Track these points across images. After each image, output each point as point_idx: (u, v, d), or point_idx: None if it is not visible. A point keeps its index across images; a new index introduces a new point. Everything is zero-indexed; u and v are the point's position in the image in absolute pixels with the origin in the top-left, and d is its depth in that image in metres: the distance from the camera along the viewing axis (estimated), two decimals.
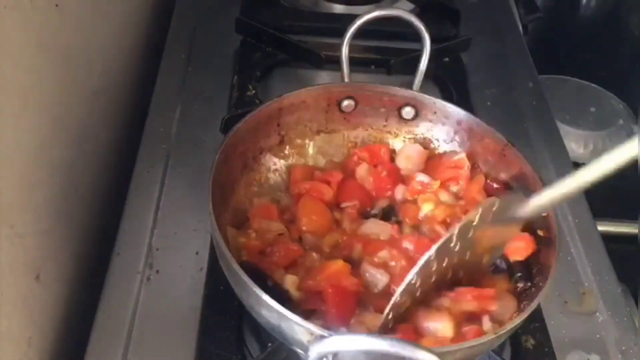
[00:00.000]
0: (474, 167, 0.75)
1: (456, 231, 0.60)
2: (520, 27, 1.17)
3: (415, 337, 0.61)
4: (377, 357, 0.51)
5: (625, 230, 1.01)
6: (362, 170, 0.75)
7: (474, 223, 0.61)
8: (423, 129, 0.78)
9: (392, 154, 0.78)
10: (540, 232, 0.67)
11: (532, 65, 1.07)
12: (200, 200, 0.68)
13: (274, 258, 0.65)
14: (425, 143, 0.79)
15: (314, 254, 0.66)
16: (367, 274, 0.65)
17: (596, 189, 0.91)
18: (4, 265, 0.60)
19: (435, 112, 0.77)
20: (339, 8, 1.11)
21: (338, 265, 0.64)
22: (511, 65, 1.06)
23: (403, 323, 0.62)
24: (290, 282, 0.63)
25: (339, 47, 0.78)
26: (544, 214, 0.65)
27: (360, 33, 0.77)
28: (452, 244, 0.60)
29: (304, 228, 0.69)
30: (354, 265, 0.65)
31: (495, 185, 0.73)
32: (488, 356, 0.67)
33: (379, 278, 0.64)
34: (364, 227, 0.70)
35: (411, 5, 1.10)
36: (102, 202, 0.87)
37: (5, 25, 0.58)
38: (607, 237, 0.84)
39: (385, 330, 0.60)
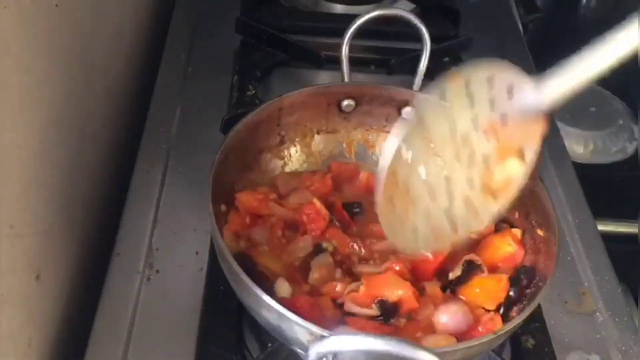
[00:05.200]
0: None
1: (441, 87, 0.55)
2: (520, 27, 1.17)
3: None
4: (377, 356, 0.51)
5: (625, 230, 1.01)
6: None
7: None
8: None
9: None
10: (540, 232, 0.67)
11: (532, 65, 1.07)
12: (200, 200, 0.68)
13: None
14: None
15: None
16: None
17: (596, 189, 0.91)
18: (4, 265, 0.60)
19: None
20: (339, 8, 1.11)
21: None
22: None
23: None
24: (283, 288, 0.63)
25: (339, 47, 0.78)
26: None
27: (360, 33, 0.77)
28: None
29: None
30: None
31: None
32: (488, 356, 0.67)
33: None
34: None
35: (411, 5, 1.10)
36: (102, 202, 0.87)
37: (6, 25, 0.58)
38: (607, 237, 0.84)
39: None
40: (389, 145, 0.56)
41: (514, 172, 0.56)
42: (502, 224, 0.71)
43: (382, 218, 0.60)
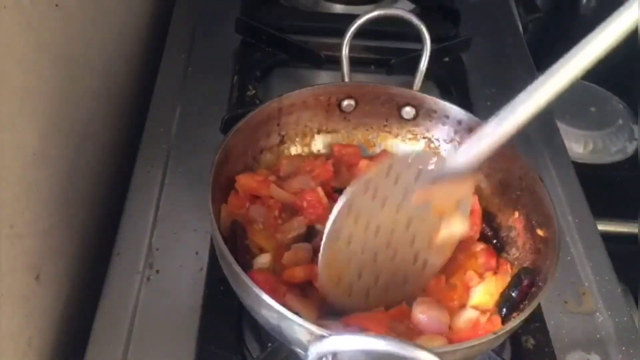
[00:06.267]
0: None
1: (362, 181, 0.60)
2: (520, 27, 1.17)
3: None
4: (377, 356, 0.51)
5: (625, 230, 1.01)
6: None
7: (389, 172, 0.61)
8: (423, 128, 0.78)
9: None
10: (540, 232, 0.67)
11: (532, 65, 1.07)
12: (200, 200, 0.68)
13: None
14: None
15: None
16: None
17: (596, 189, 0.91)
18: (4, 265, 0.60)
19: (435, 112, 0.77)
20: (339, 8, 1.11)
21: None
22: (511, 65, 1.06)
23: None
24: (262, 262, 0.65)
25: (339, 47, 0.78)
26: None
27: (360, 33, 0.77)
28: (376, 199, 0.61)
29: None
30: None
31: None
32: (488, 356, 0.67)
33: None
34: None
35: (411, 5, 1.10)
36: (102, 202, 0.87)
37: (5, 25, 0.58)
38: (607, 237, 0.84)
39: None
40: (325, 232, 0.60)
41: (456, 229, 0.66)
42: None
43: (333, 298, 0.63)
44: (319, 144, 0.79)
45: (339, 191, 0.71)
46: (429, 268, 0.66)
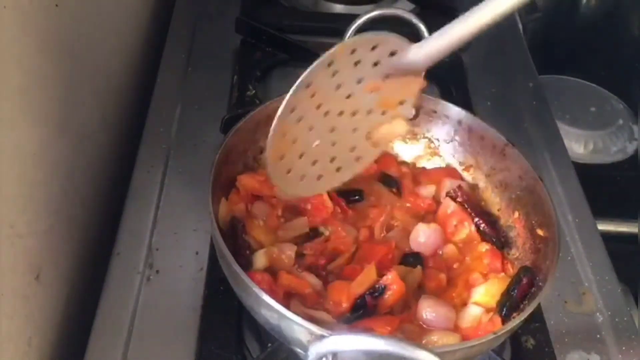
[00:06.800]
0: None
1: (327, 55, 0.59)
2: (520, 27, 1.17)
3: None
4: (377, 356, 0.51)
5: (625, 230, 1.01)
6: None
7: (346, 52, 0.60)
8: (423, 128, 0.78)
9: None
10: (540, 232, 0.67)
11: (532, 65, 1.07)
12: (200, 200, 0.68)
13: None
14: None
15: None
16: None
17: (596, 189, 0.91)
18: (4, 265, 0.60)
19: (435, 112, 0.77)
20: (339, 8, 1.11)
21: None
22: (511, 65, 1.06)
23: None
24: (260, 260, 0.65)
25: None
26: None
27: (360, 33, 0.77)
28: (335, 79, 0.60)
29: None
30: None
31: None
32: (488, 356, 0.67)
33: None
34: None
35: (411, 5, 1.10)
36: (102, 202, 0.87)
37: (5, 25, 0.58)
38: (607, 237, 0.84)
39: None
40: (279, 108, 0.59)
41: (397, 129, 0.67)
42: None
43: (272, 173, 0.62)
44: None
45: (341, 193, 0.71)
46: (360, 162, 0.67)
